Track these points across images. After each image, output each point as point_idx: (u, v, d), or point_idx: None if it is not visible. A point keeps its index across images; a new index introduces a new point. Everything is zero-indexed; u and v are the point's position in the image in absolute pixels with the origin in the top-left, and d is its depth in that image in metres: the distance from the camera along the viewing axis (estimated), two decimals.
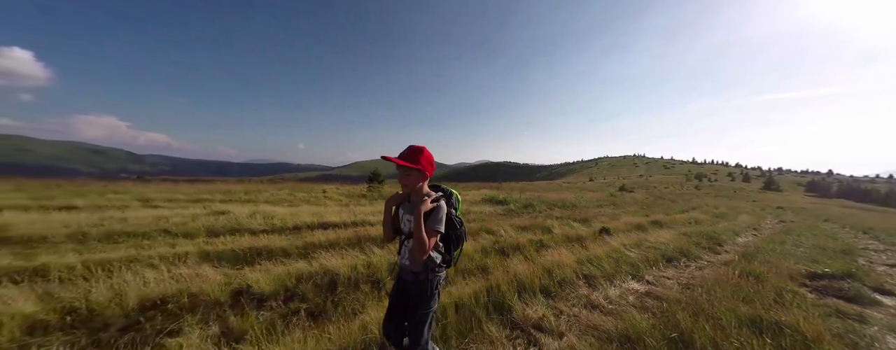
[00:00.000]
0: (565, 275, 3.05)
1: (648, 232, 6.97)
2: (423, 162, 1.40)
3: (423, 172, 1.42)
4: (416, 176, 1.41)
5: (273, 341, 1.80)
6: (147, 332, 1.77)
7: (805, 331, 1.81)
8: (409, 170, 1.39)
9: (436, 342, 1.77)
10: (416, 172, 1.40)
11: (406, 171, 1.41)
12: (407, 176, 1.41)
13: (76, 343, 1.57)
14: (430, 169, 1.44)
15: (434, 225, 1.36)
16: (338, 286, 2.69)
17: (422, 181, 1.44)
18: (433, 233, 1.36)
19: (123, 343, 1.65)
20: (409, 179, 1.41)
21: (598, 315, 2.37)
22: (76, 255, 3.00)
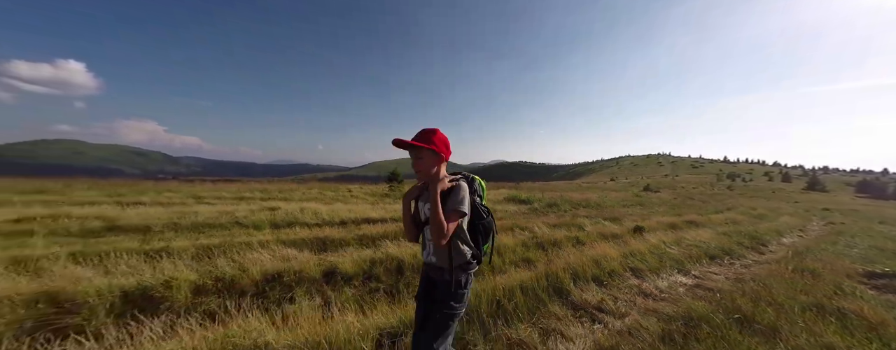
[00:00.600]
0: (612, 267, 3.21)
1: (684, 231, 6.85)
2: (436, 141, 1.23)
3: (438, 154, 1.24)
4: (430, 157, 1.23)
5: (368, 311, 2.12)
6: (271, 299, 2.16)
7: (869, 316, 1.88)
8: (422, 151, 1.23)
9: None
10: (429, 153, 1.23)
11: (418, 153, 1.24)
12: (419, 159, 1.24)
13: (228, 302, 1.98)
14: (445, 151, 1.26)
15: (455, 205, 1.18)
16: (404, 270, 3.02)
17: (437, 164, 1.26)
18: (454, 215, 1.17)
19: (257, 305, 2.04)
20: (422, 163, 1.24)
21: (653, 301, 2.53)
22: (184, 240, 3.54)
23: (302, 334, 1.57)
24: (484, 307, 2.11)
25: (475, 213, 1.27)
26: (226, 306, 1.92)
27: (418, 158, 1.25)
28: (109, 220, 4.56)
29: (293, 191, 13.45)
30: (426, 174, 1.26)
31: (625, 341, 1.77)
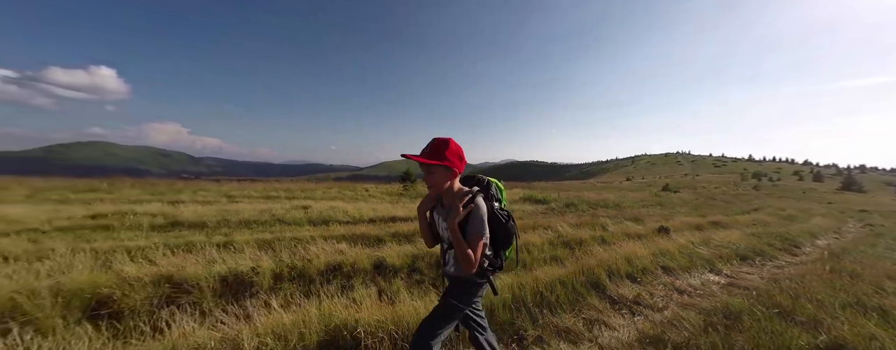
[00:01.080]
0: (644, 265, 3.31)
1: (710, 232, 6.76)
2: (448, 156, 1.17)
3: (451, 168, 1.18)
4: (443, 173, 1.18)
5: (419, 298, 2.34)
6: (334, 287, 2.42)
7: None
8: (433, 167, 1.17)
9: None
10: (441, 169, 1.17)
11: (430, 169, 1.18)
12: (431, 174, 1.18)
13: (301, 288, 2.26)
14: (459, 164, 1.20)
15: (476, 231, 1.14)
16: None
17: (450, 179, 1.20)
18: (477, 239, 1.14)
19: (324, 291, 2.30)
20: (434, 178, 1.19)
21: (688, 297, 2.63)
22: (241, 234, 3.90)
23: (377, 315, 1.81)
24: (529, 298, 2.29)
25: (495, 221, 1.22)
26: (308, 290, 2.20)
27: (430, 174, 1.19)
28: (169, 217, 5.02)
29: (314, 190, 14.01)
30: (439, 189, 1.21)
31: (668, 331, 1.90)
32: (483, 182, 1.32)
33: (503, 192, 1.37)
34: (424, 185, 1.31)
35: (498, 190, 1.35)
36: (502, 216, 1.24)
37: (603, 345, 1.87)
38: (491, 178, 1.35)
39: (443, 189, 1.21)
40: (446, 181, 1.20)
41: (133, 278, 1.96)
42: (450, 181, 1.21)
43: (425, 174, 1.21)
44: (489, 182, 1.34)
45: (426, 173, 1.21)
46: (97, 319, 1.75)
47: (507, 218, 1.26)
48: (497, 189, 1.35)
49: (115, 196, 9.05)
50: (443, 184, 1.20)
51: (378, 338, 1.63)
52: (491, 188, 1.32)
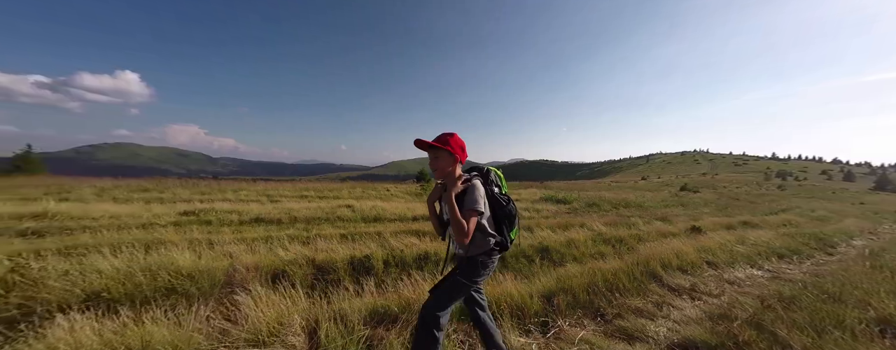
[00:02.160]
0: (690, 259, 3.64)
1: (742, 231, 6.92)
2: (452, 144, 1.35)
3: (454, 155, 1.35)
4: (447, 158, 1.35)
5: (500, 279, 2.76)
6: (428, 271, 2.88)
7: None
8: (439, 151, 1.35)
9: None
10: (445, 154, 1.35)
11: (435, 153, 1.36)
12: (437, 159, 1.36)
13: (403, 271, 2.74)
14: (461, 153, 1.37)
15: (470, 205, 1.28)
16: (505, 257, 3.65)
17: (453, 165, 1.37)
18: (471, 213, 1.27)
19: (421, 276, 2.76)
20: (439, 162, 1.36)
21: (738, 287, 2.96)
22: (325, 229, 4.45)
23: (487, 293, 2.25)
24: (601, 284, 2.68)
25: (495, 203, 1.37)
26: (408, 273, 2.67)
27: (435, 158, 1.37)
28: (245, 214, 5.66)
29: (339, 190, 14.67)
30: (442, 173, 1.37)
31: (730, 310, 2.27)
32: (483, 169, 1.47)
33: (503, 179, 1.50)
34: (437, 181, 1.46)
35: (497, 177, 1.49)
36: (502, 199, 1.39)
37: (675, 320, 2.25)
38: (491, 167, 1.49)
39: (446, 173, 1.37)
40: (449, 167, 1.36)
41: (289, 260, 2.48)
42: (452, 167, 1.37)
43: (431, 160, 1.38)
44: (489, 170, 1.48)
45: (432, 158, 1.38)
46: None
47: (507, 201, 1.41)
48: (496, 176, 1.48)
49: (169, 195, 9.90)
50: (446, 168, 1.36)
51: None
52: (490, 175, 1.46)
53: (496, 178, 1.48)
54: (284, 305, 1.76)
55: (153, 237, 3.46)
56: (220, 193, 10.96)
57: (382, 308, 1.91)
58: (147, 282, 1.98)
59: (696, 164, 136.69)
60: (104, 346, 1.34)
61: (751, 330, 1.85)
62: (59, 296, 1.73)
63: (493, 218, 1.38)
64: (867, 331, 1.81)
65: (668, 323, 2.21)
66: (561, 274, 2.86)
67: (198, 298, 1.84)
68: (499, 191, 1.44)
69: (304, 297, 1.96)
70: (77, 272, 1.93)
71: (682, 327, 2.11)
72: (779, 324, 1.88)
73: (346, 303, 1.91)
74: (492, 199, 1.38)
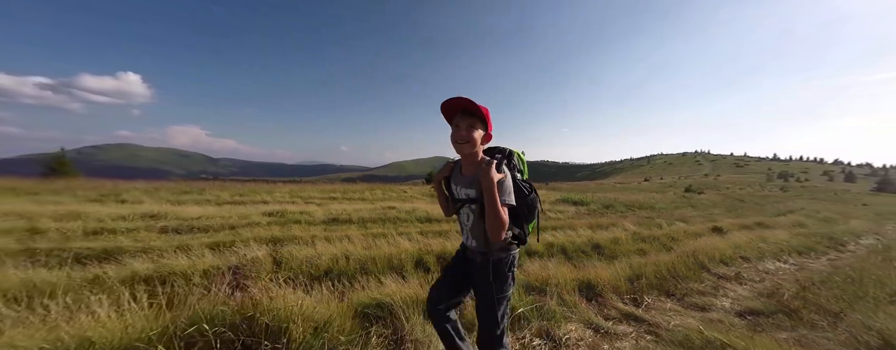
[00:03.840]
0: (726, 255, 4.28)
1: (759, 231, 7.55)
2: (487, 117, 1.15)
3: (487, 131, 1.16)
4: (479, 132, 1.14)
5: (589, 268, 3.39)
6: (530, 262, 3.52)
7: None
8: (478, 123, 1.14)
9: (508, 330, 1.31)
10: (481, 126, 1.14)
11: (469, 121, 1.13)
12: (470, 127, 1.13)
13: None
14: (490, 126, 1.17)
15: (503, 197, 1.09)
16: (567, 252, 4.30)
17: (480, 141, 1.16)
18: (504, 206, 1.08)
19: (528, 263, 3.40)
20: (471, 133, 1.13)
21: (774, 276, 3.60)
22: (402, 228, 5.10)
23: (580, 275, 2.89)
24: (664, 272, 3.33)
25: (517, 191, 1.17)
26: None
27: (470, 126, 1.12)
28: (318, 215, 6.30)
29: (361, 191, 15.24)
30: (472, 147, 1.14)
31: (776, 290, 2.91)
32: (506, 151, 1.26)
33: (525, 164, 1.30)
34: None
35: (519, 161, 1.28)
36: (525, 188, 1.20)
37: (732, 298, 2.90)
38: (513, 149, 1.29)
39: (474, 149, 1.15)
40: (477, 140, 1.14)
41: (412, 251, 3.15)
42: (478, 144, 1.15)
43: (461, 130, 1.13)
44: (512, 152, 1.27)
45: (464, 128, 1.12)
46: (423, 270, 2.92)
47: (530, 190, 1.22)
48: (519, 160, 1.28)
49: (212, 197, 10.49)
50: (477, 143, 1.14)
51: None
52: (513, 158, 1.26)
53: (519, 161, 1.28)
54: None
55: (291, 234, 4.11)
56: (256, 195, 11.55)
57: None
58: (381, 262, 2.71)
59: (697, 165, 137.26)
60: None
61: (797, 301, 2.50)
62: (304, 270, 2.39)
63: (513, 208, 1.15)
64: (885, 299, 2.46)
65: (727, 299, 2.85)
66: (631, 263, 3.51)
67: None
68: (521, 177, 1.27)
69: None
70: (314, 256, 2.60)
71: (740, 301, 2.75)
72: (819, 297, 2.53)
73: None
74: (516, 188, 1.17)
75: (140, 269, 2.12)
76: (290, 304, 1.50)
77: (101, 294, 1.56)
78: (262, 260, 2.43)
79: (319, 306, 1.63)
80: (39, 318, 1.39)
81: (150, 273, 2.12)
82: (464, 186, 1.19)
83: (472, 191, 1.17)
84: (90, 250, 2.70)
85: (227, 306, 1.45)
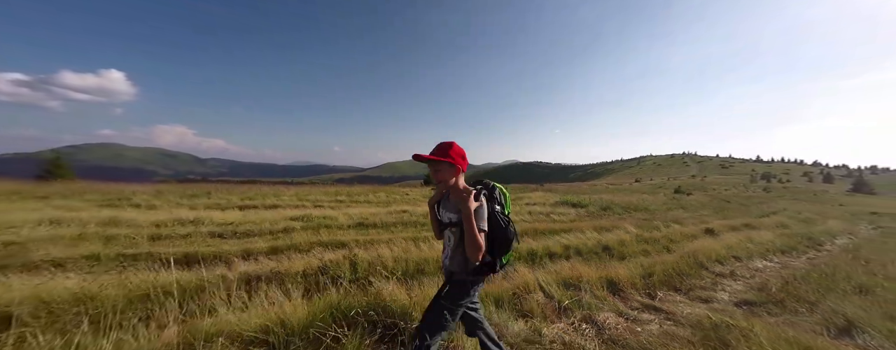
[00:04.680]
0: (722, 255, 4.87)
1: (747, 232, 8.24)
2: (452, 155, 1.36)
3: (455, 165, 1.37)
4: (447, 169, 1.37)
5: (610, 268, 3.89)
6: (537, 262, 4.00)
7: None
8: (439, 164, 1.35)
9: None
10: (446, 166, 1.36)
11: (436, 167, 1.36)
12: (438, 171, 1.37)
13: (549, 259, 3.87)
14: (461, 162, 1.39)
15: (479, 223, 1.27)
16: (582, 252, 4.80)
17: (455, 175, 1.38)
18: (480, 232, 1.26)
19: (533, 266, 3.87)
20: (441, 174, 1.37)
21: (762, 272, 4.18)
22: (406, 232, 5.53)
23: (606, 274, 3.39)
24: (671, 269, 3.86)
25: (495, 223, 1.33)
26: (532, 261, 3.78)
27: (437, 171, 1.36)
28: (341, 220, 6.66)
29: (365, 193, 15.48)
30: (446, 185, 1.38)
31: (765, 284, 3.46)
32: (488, 185, 1.46)
33: (508, 198, 1.48)
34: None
35: (502, 195, 1.46)
36: (502, 221, 1.36)
37: (729, 291, 3.44)
38: (497, 184, 1.48)
39: (449, 184, 1.38)
40: (451, 177, 1.37)
41: None
42: (455, 177, 1.38)
43: (433, 171, 1.38)
44: (494, 186, 1.46)
45: (434, 171, 1.37)
46: None
47: (508, 223, 1.38)
48: (501, 194, 1.46)
49: (222, 201, 10.63)
50: (448, 179, 1.37)
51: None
52: (495, 191, 1.44)
53: (501, 195, 1.46)
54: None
55: (336, 239, 4.49)
56: (264, 198, 11.71)
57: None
58: (433, 264, 3.15)
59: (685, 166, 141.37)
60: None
61: (782, 293, 3.05)
62: (378, 270, 2.80)
63: (489, 238, 1.33)
64: (850, 291, 3.04)
65: (726, 293, 3.40)
66: (642, 263, 4.03)
67: None
68: (501, 210, 1.42)
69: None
70: (377, 258, 3.02)
71: (736, 294, 3.30)
72: (799, 290, 3.09)
73: (547, 275, 3.06)
74: (492, 219, 1.35)
75: (251, 270, 2.51)
76: (398, 295, 1.92)
77: (260, 289, 1.95)
78: (341, 262, 2.83)
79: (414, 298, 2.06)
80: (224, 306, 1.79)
81: (258, 273, 2.51)
82: (448, 211, 1.39)
83: (454, 215, 1.36)
84: (175, 255, 3.04)
85: (355, 297, 1.87)
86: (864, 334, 2.17)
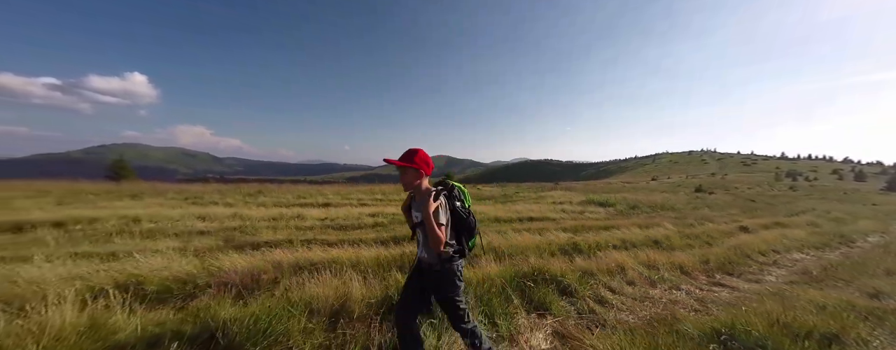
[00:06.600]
0: (762, 248, 5.60)
1: (779, 230, 8.78)
2: (416, 161, 1.53)
3: (418, 170, 1.54)
4: (412, 174, 1.54)
5: (672, 256, 4.72)
6: (573, 254, 4.88)
7: None
8: (405, 168, 1.54)
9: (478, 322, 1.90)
10: (411, 171, 1.54)
11: (403, 171, 1.55)
12: (404, 174, 1.55)
13: (592, 251, 4.76)
14: (425, 167, 1.56)
15: (439, 220, 1.49)
16: (636, 246, 5.63)
17: (419, 178, 1.56)
18: (439, 227, 1.48)
19: (569, 257, 4.74)
20: (406, 178, 1.56)
21: (801, 262, 4.92)
22: (498, 227, 6.47)
23: (648, 262, 4.22)
24: (721, 259, 4.65)
25: (456, 216, 1.58)
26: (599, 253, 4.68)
27: (404, 174, 1.56)
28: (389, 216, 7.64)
29: (397, 192, 16.45)
30: (410, 187, 1.58)
31: (807, 270, 4.22)
32: (448, 184, 1.67)
33: (466, 194, 1.69)
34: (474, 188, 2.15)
35: (461, 192, 1.67)
36: (463, 213, 1.59)
37: (775, 275, 4.22)
38: (456, 183, 1.69)
39: (413, 187, 1.58)
40: (415, 180, 1.56)
41: (560, 242, 4.56)
42: (419, 180, 1.57)
43: (401, 175, 1.57)
44: (453, 185, 1.67)
45: (401, 174, 1.57)
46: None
47: (467, 214, 1.61)
48: (459, 191, 1.66)
49: (276, 200, 11.72)
50: (412, 182, 1.56)
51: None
52: (454, 190, 1.64)
53: (459, 193, 1.66)
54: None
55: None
56: (313, 197, 12.75)
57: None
58: (543, 247, 4.14)
59: (703, 164, 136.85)
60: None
61: (822, 275, 3.83)
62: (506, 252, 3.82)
63: (454, 229, 1.59)
64: (881, 273, 3.79)
65: (773, 276, 4.19)
66: (693, 253, 4.84)
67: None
68: (462, 205, 1.62)
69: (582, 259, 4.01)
70: (499, 244, 4.03)
71: (782, 277, 4.09)
72: (836, 273, 3.86)
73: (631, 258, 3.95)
74: (453, 213, 1.58)
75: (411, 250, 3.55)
76: (550, 265, 2.87)
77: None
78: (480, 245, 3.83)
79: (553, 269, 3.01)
80: None
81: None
82: (416, 211, 1.60)
83: (419, 214, 1.56)
84: (338, 241, 4.08)
85: (516, 267, 2.83)
86: (889, 299, 2.95)
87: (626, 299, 2.84)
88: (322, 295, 2.08)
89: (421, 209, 1.52)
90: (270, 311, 1.78)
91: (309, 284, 2.28)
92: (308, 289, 2.19)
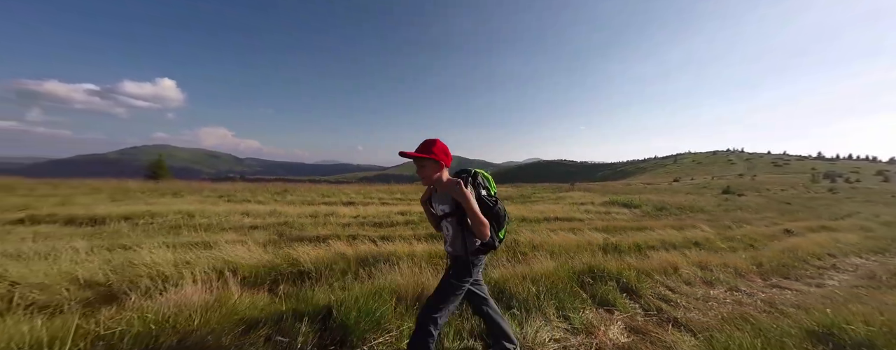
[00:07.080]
0: (815, 251, 5.32)
1: (827, 234, 8.28)
2: (435, 151, 1.43)
3: (438, 161, 1.44)
4: (432, 166, 1.45)
5: (727, 257, 4.59)
6: (610, 253, 4.77)
7: None
8: (423, 160, 1.44)
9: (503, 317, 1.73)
10: (430, 162, 1.44)
11: (421, 163, 1.45)
12: (422, 167, 1.45)
13: (633, 251, 4.68)
14: (445, 158, 1.46)
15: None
16: (676, 247, 5.48)
17: (438, 171, 1.47)
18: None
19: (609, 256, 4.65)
20: (425, 171, 1.45)
21: (861, 267, 4.65)
22: (532, 227, 6.50)
23: (701, 263, 4.11)
24: (775, 262, 4.46)
25: (483, 205, 1.45)
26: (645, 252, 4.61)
27: (422, 167, 1.46)
28: None
29: (405, 192, 16.55)
30: (429, 180, 1.48)
31: (874, 274, 4.00)
32: (470, 171, 1.56)
33: (492, 181, 1.60)
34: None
35: (485, 179, 1.57)
36: (489, 202, 1.48)
37: (838, 280, 4.02)
38: (479, 170, 1.59)
39: (433, 180, 1.47)
40: (435, 173, 1.46)
41: (597, 242, 4.53)
42: (439, 172, 1.47)
43: (418, 168, 1.47)
44: (476, 172, 1.57)
45: (419, 167, 1.46)
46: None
47: (495, 203, 1.50)
48: (484, 179, 1.57)
49: (302, 198, 12.09)
50: (432, 175, 1.47)
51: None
52: (478, 177, 1.54)
53: (484, 180, 1.56)
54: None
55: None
56: (336, 196, 13.08)
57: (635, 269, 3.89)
58: (580, 246, 4.16)
59: (729, 164, 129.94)
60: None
61: (894, 280, 3.62)
62: (545, 248, 3.87)
63: None
64: None
65: (834, 281, 3.99)
66: (742, 256, 4.67)
67: None
68: (487, 193, 1.53)
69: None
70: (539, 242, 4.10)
71: (845, 282, 3.89)
72: None
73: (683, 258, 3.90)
74: (480, 202, 1.46)
75: None
76: (606, 263, 2.89)
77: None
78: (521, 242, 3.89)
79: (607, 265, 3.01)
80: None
81: None
82: (440, 204, 1.53)
83: (445, 206, 1.49)
84: (375, 237, 4.26)
85: (577, 261, 2.86)
86: None
87: (688, 299, 2.81)
88: (403, 283, 2.22)
89: (447, 200, 1.47)
90: (368, 295, 1.92)
91: (391, 274, 2.43)
92: (390, 278, 2.33)
